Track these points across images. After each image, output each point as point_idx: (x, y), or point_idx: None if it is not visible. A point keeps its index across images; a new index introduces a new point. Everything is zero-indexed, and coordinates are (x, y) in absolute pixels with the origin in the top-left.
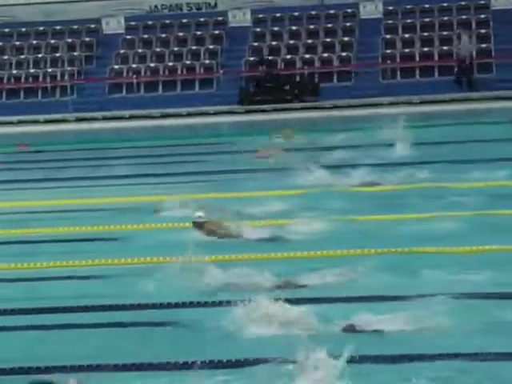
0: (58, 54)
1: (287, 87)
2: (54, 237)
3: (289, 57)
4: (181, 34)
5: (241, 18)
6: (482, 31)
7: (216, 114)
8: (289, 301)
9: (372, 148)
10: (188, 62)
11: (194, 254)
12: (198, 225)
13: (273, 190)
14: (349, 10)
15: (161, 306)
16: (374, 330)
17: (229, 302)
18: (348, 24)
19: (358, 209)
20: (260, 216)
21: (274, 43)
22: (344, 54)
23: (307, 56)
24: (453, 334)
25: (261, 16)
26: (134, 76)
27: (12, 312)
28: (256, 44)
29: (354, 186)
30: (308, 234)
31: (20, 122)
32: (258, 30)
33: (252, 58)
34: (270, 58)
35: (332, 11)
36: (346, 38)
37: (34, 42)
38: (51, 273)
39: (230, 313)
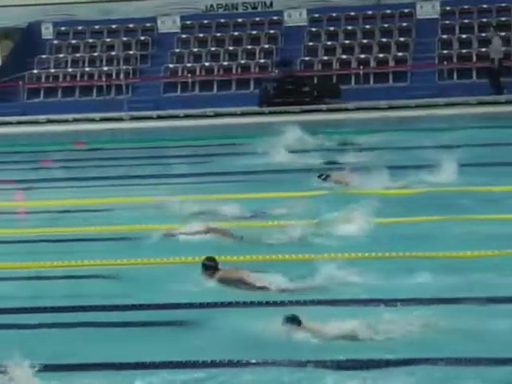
0: (113, 53)
1: (307, 89)
2: (106, 235)
3: (344, 57)
4: (236, 33)
5: (296, 18)
6: None
7: (271, 113)
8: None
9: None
10: (243, 62)
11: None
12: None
13: None
14: (405, 10)
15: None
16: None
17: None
18: (404, 24)
19: None
20: None
21: (329, 43)
22: (400, 54)
23: (362, 56)
24: None
25: (317, 16)
26: (189, 75)
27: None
28: (311, 44)
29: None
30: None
31: (75, 120)
32: (314, 29)
33: (307, 58)
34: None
35: (388, 11)
36: (402, 39)
37: (91, 40)
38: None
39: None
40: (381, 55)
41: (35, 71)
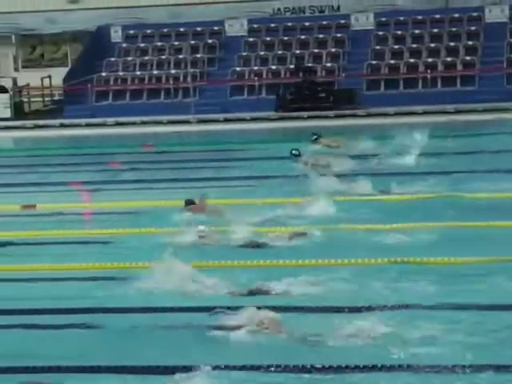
0: (181, 56)
1: (323, 94)
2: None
3: (412, 61)
4: (303, 36)
5: (363, 22)
6: None
7: (337, 117)
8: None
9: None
10: (310, 65)
11: None
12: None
13: None
14: (474, 14)
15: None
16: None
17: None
18: (473, 28)
19: None
20: None
21: (396, 47)
22: (468, 58)
23: (430, 60)
24: None
25: (384, 19)
26: (256, 78)
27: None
28: (378, 47)
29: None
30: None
31: (143, 123)
32: (381, 33)
33: (374, 62)
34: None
35: (456, 15)
36: (470, 42)
37: (159, 43)
38: None
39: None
40: (448, 59)
41: (104, 74)
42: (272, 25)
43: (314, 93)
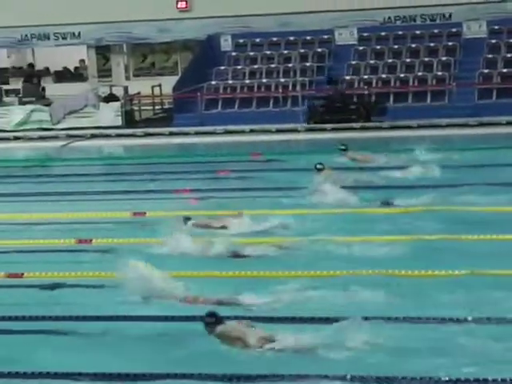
0: (290, 65)
1: (353, 107)
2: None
3: None
4: (413, 45)
5: (476, 30)
6: None
7: (448, 126)
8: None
9: None
10: (420, 74)
11: None
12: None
13: None
14: None
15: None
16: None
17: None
18: None
19: None
20: None
21: (509, 55)
22: None
23: None
24: None
25: (497, 27)
26: (365, 87)
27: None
28: (491, 56)
29: None
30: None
31: (252, 131)
32: (494, 41)
33: (486, 71)
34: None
35: None
36: None
37: (268, 52)
38: None
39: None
40: None
41: (213, 82)
42: (382, 33)
43: (346, 105)
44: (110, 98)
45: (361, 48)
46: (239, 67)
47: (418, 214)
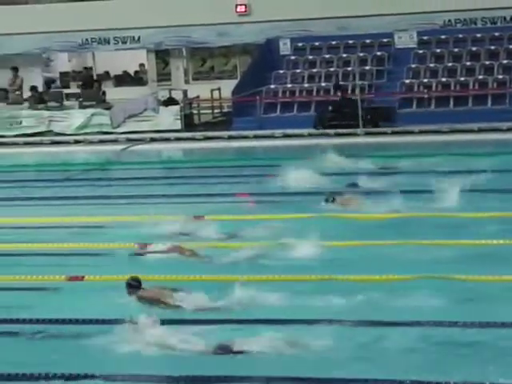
0: (349, 68)
1: (360, 113)
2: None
3: None
4: (474, 48)
5: None
6: None
7: (510, 130)
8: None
9: None
10: (480, 77)
11: None
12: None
13: None
14: None
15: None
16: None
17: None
18: None
19: None
20: None
21: None
22: None
23: None
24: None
25: None
26: (425, 90)
27: None
28: None
29: None
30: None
31: (310, 135)
32: None
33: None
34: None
35: None
36: None
37: (327, 55)
38: None
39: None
40: None
41: (272, 86)
42: (442, 36)
43: (354, 110)
44: (170, 101)
45: (420, 51)
46: (298, 71)
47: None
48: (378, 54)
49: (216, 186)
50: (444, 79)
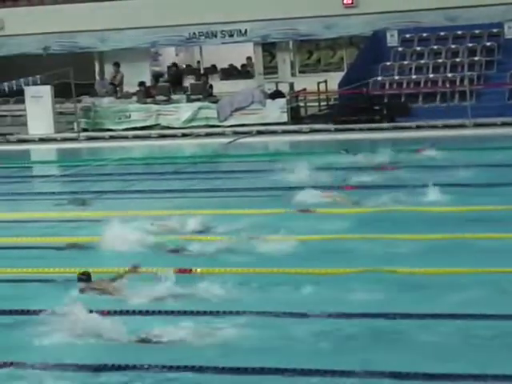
0: (458, 59)
1: (377, 107)
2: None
3: None
4: None
5: None
6: None
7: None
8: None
9: None
10: None
11: None
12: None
13: None
14: None
15: None
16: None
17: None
18: None
19: None
20: None
21: None
22: None
23: None
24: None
25: None
26: None
27: None
28: None
29: None
30: None
31: (418, 127)
32: None
33: None
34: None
35: None
36: None
37: (435, 47)
38: None
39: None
40: None
41: (379, 78)
42: None
43: (370, 105)
44: (276, 94)
45: None
46: (405, 62)
47: None
48: (488, 44)
49: (323, 178)
50: None
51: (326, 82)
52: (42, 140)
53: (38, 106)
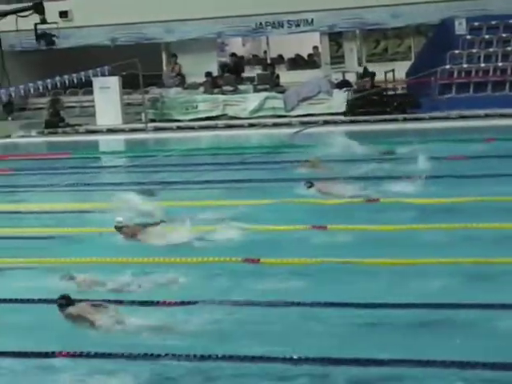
0: None
1: (388, 99)
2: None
3: None
4: None
5: None
6: None
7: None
8: None
9: None
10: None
11: None
12: (118, 229)
13: None
14: None
15: None
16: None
17: None
18: None
19: None
20: None
21: None
22: None
23: None
24: None
25: None
26: None
27: None
28: None
29: None
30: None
31: (487, 116)
32: None
33: None
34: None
35: None
36: None
37: (504, 34)
38: None
39: None
40: None
41: (448, 67)
42: None
43: (381, 98)
44: (343, 84)
45: None
46: (474, 51)
47: None
48: None
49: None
50: None
51: (393, 71)
52: (110, 131)
53: (106, 97)
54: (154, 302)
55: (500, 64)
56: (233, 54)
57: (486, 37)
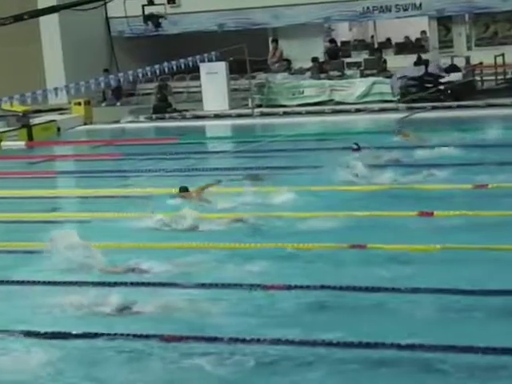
0: None
1: (442, 87)
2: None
3: None
4: None
5: None
6: None
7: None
8: None
9: None
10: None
11: None
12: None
13: None
14: None
15: None
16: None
17: None
18: None
19: None
20: None
21: None
22: None
23: None
24: None
25: None
26: None
27: None
28: None
29: None
30: None
31: None
32: None
33: None
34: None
35: None
36: None
37: None
38: None
39: None
40: None
41: None
42: None
43: (435, 85)
44: (452, 68)
45: None
46: None
47: None
48: None
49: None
50: None
51: (503, 55)
52: (217, 116)
53: (213, 83)
54: None
55: None
56: (331, 41)
57: None
